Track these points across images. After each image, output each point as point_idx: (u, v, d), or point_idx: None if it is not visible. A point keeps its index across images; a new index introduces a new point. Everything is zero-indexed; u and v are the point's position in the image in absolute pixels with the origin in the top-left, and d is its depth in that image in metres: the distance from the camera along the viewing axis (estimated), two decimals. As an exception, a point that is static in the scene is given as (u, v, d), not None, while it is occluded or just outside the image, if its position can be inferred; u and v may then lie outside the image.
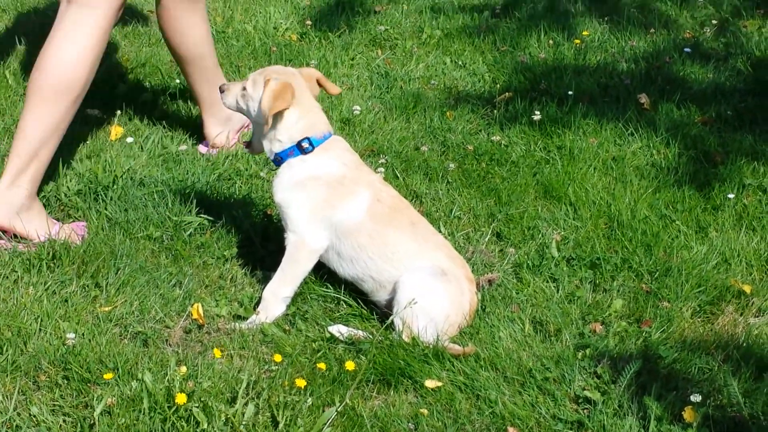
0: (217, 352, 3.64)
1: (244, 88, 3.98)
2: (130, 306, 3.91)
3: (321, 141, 3.89)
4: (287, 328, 3.87)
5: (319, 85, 4.02)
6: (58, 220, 4.42)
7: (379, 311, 3.93)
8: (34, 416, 3.33)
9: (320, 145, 3.89)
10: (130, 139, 5.11)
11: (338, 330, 3.80)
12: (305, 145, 3.88)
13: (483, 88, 5.95)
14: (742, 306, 4.00)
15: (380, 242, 3.86)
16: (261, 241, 4.33)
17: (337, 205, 3.87)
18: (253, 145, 4.09)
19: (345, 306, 3.97)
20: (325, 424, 3.33)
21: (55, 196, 4.57)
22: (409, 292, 3.74)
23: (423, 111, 5.56)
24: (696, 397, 3.36)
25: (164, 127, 5.33)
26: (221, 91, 4.08)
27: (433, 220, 4.32)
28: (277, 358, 3.58)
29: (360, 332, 3.80)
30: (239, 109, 4.06)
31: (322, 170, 3.88)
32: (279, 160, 3.95)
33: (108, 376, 3.42)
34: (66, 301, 3.91)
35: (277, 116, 3.86)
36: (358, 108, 5.52)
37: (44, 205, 4.41)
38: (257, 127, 4.00)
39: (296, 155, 3.90)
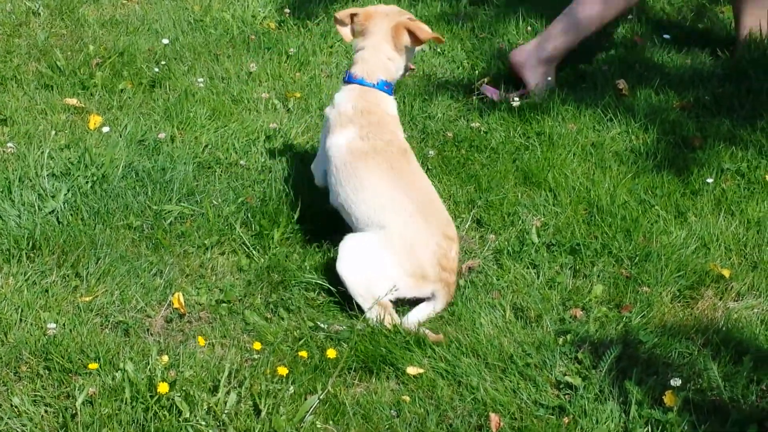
0: (201, 340, 3.64)
1: None
2: (111, 296, 3.90)
3: (353, 81, 4.20)
4: (269, 316, 3.87)
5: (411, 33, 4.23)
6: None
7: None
8: (16, 407, 3.33)
9: (352, 84, 4.20)
10: (106, 129, 5.09)
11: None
12: (345, 75, 4.26)
13: (462, 75, 5.95)
14: (721, 290, 4.02)
15: (355, 178, 4.02)
16: (241, 228, 4.33)
17: (330, 133, 4.17)
18: None
19: (326, 294, 3.97)
20: (308, 411, 3.33)
21: (32, 187, 4.54)
22: (349, 254, 3.86)
23: (402, 98, 5.55)
24: (676, 381, 3.38)
25: (143, 116, 5.31)
26: None
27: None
28: (257, 346, 3.58)
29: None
30: None
31: (341, 101, 4.19)
32: None
33: (93, 366, 3.41)
34: (46, 291, 3.91)
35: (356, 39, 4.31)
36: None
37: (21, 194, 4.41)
38: None
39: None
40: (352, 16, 4.29)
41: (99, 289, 3.93)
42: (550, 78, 5.65)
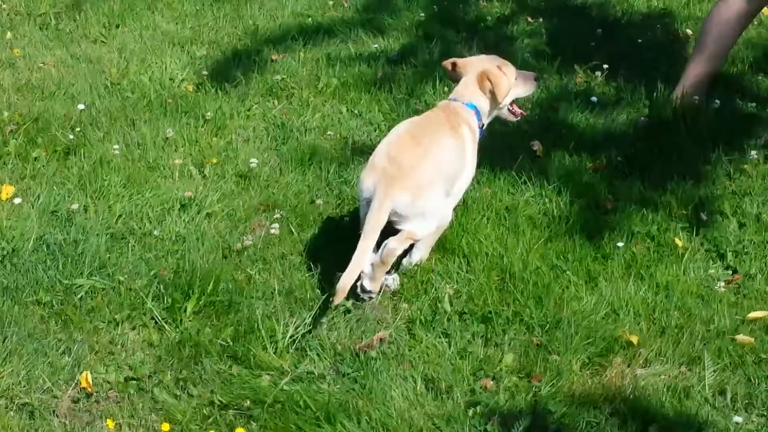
0: (109, 423, 3.60)
1: None
2: (17, 376, 3.85)
3: (449, 98, 4.80)
4: (178, 393, 3.84)
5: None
6: None
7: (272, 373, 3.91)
8: None
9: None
10: (18, 200, 5.03)
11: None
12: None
13: (379, 137, 5.96)
14: (629, 357, 4.06)
15: None
16: (153, 302, 4.29)
17: None
18: None
19: (238, 366, 3.95)
20: (214, 495, 3.31)
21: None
22: None
23: (319, 163, 5.57)
24: (582, 455, 3.41)
25: (56, 185, 5.26)
26: None
27: (326, 276, 4.31)
28: (165, 427, 3.55)
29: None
30: None
31: None
32: None
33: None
34: (-50, 373, 3.84)
35: None
36: (255, 161, 5.51)
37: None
38: None
39: None
40: (453, 64, 4.87)
41: (5, 370, 3.87)
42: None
